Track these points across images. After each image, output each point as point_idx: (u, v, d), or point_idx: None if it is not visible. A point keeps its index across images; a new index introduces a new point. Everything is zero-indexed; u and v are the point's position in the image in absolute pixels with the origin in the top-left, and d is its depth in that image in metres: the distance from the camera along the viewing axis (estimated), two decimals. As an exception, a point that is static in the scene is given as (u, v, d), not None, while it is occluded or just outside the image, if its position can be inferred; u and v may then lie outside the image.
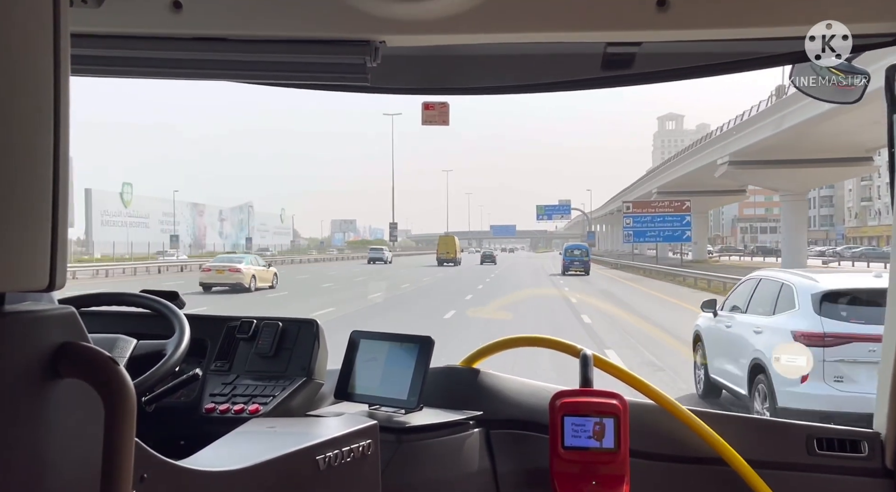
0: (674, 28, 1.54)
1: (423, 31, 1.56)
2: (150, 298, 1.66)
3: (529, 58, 1.75)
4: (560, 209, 67.48)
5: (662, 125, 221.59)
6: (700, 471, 1.77)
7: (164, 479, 1.02)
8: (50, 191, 0.76)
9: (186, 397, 1.70)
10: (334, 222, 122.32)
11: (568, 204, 69.20)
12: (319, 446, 1.37)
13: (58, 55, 0.76)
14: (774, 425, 1.85)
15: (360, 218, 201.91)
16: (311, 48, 1.55)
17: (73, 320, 0.85)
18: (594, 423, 1.63)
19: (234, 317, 1.89)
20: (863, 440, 1.75)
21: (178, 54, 1.59)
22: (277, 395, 1.69)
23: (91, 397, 0.80)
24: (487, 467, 1.75)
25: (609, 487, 1.62)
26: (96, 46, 1.55)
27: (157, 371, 1.48)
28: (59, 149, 0.77)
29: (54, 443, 0.81)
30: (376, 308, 18.91)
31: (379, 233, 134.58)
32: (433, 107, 1.94)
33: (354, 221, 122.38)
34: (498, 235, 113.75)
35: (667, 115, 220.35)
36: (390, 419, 1.64)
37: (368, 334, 1.76)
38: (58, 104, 0.77)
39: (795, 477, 1.75)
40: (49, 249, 0.76)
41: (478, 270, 40.40)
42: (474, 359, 1.93)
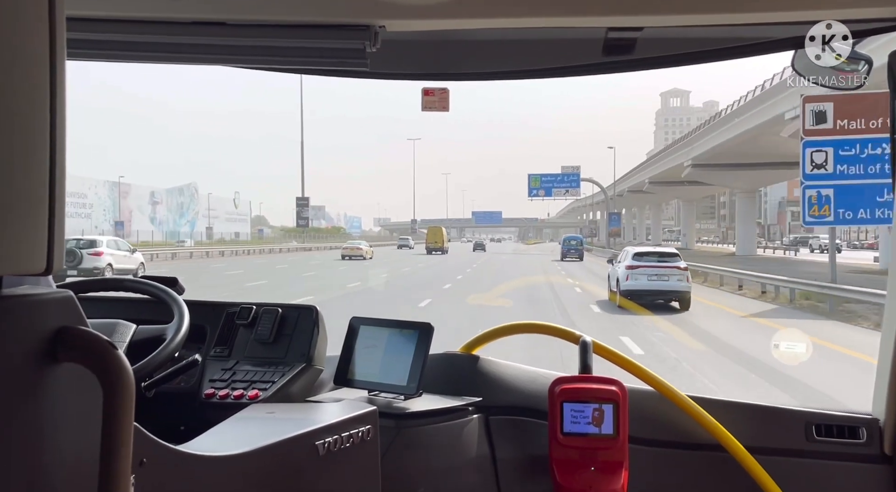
0: (675, 13, 1.73)
1: (424, 15, 1.71)
2: (150, 283, 1.81)
3: (530, 43, 1.91)
4: (565, 181, 52.50)
5: (666, 102, 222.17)
6: (699, 457, 1.97)
7: (164, 463, 1.12)
8: (47, 174, 0.82)
9: (186, 382, 1.87)
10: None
11: (576, 173, 53.39)
12: (319, 432, 1.49)
13: (53, 39, 0.82)
14: (773, 412, 2.03)
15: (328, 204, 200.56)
16: (311, 33, 1.69)
17: (72, 304, 0.92)
18: (593, 409, 1.82)
19: (234, 303, 2.05)
20: (861, 427, 1.95)
21: (176, 39, 1.72)
22: (277, 381, 1.85)
23: (90, 381, 0.87)
24: (486, 453, 1.93)
25: (608, 473, 1.81)
26: (93, 30, 1.68)
27: (157, 357, 1.62)
28: (56, 132, 0.83)
29: (53, 427, 0.88)
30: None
31: (356, 222, 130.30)
32: (433, 93, 2.10)
33: (323, 207, 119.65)
34: (481, 222, 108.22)
35: (671, 91, 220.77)
36: (390, 405, 1.81)
37: (368, 321, 1.93)
38: (54, 88, 0.83)
39: (794, 463, 1.95)
40: (46, 233, 0.82)
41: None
42: (474, 345, 2.12)
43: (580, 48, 1.90)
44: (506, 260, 44.69)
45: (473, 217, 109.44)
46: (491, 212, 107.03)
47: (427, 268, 35.93)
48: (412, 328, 1.88)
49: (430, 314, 13.87)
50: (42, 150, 0.82)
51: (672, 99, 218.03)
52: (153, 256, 35.75)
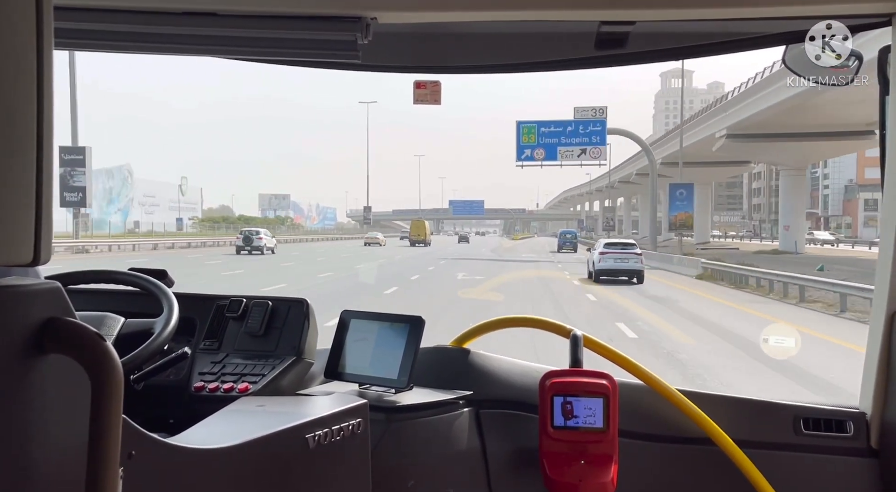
0: (668, 7, 1.92)
1: (415, 7, 1.88)
2: (139, 276, 1.96)
3: (522, 36, 2.09)
4: (578, 133, 34.98)
5: (667, 83, 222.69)
6: (688, 451, 2.17)
7: (153, 456, 1.19)
8: (34, 165, 0.88)
9: (175, 375, 2.02)
10: (262, 197, 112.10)
11: (600, 119, 36.52)
12: (309, 425, 1.61)
13: (41, 29, 0.88)
14: (762, 406, 2.23)
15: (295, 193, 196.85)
16: (302, 24, 1.84)
17: (59, 296, 0.98)
18: (584, 403, 2.01)
19: (224, 296, 2.21)
20: (848, 420, 2.16)
21: (166, 29, 1.86)
22: (267, 374, 2.01)
23: (77, 373, 0.92)
24: (477, 446, 2.12)
25: (598, 466, 2.00)
26: (82, 20, 1.82)
27: (146, 349, 1.75)
28: (43, 122, 0.88)
29: (39, 419, 0.94)
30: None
31: (330, 213, 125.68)
32: (425, 85, 2.27)
33: (288, 195, 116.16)
34: (460, 213, 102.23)
35: (672, 71, 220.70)
36: (380, 399, 1.97)
37: (359, 314, 2.10)
38: (41, 78, 0.88)
39: (782, 457, 2.16)
40: (33, 224, 0.88)
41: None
42: (465, 339, 2.31)
43: (573, 42, 2.08)
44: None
45: (451, 207, 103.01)
46: (471, 201, 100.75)
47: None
48: (403, 322, 2.04)
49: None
50: (29, 140, 0.88)
51: (673, 80, 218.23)
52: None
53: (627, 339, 12.79)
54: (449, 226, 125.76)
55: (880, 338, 2.07)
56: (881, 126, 2.10)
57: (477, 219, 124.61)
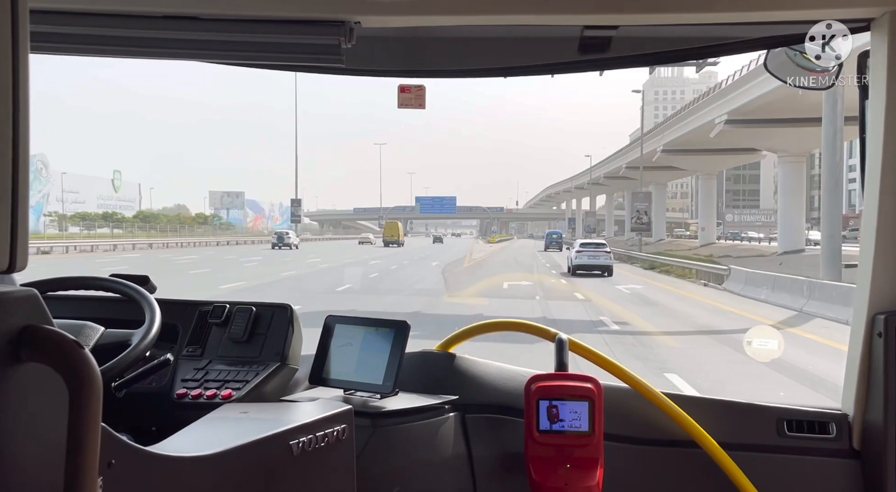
0: (650, 12, 2.09)
1: (399, 12, 2.02)
2: (120, 282, 2.07)
3: (507, 41, 2.26)
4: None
5: (656, 71, 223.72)
6: (673, 454, 2.34)
7: (133, 465, 1.24)
8: (9, 171, 0.91)
9: (157, 382, 2.14)
10: (213, 194, 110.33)
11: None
12: (293, 431, 1.68)
13: (16, 32, 0.92)
14: (746, 408, 2.40)
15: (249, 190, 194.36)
16: (284, 28, 1.98)
17: (36, 303, 1.02)
18: (569, 406, 2.16)
19: (207, 301, 2.34)
20: (831, 422, 2.34)
21: (147, 33, 1.98)
22: (251, 380, 2.13)
23: (55, 381, 0.96)
24: (463, 451, 2.27)
25: (583, 470, 2.15)
26: (60, 23, 1.92)
27: (127, 356, 1.84)
28: (19, 128, 0.92)
29: (15, 429, 0.97)
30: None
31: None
32: (409, 90, 2.42)
33: (242, 193, 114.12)
34: (428, 211, 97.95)
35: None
36: (366, 404, 2.11)
37: (344, 319, 2.25)
38: (16, 82, 0.92)
39: (766, 459, 2.33)
40: (9, 230, 0.92)
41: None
42: (450, 344, 2.48)
43: (556, 46, 2.26)
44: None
45: (418, 204, 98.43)
46: (441, 198, 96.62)
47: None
48: (388, 327, 2.18)
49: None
50: (4, 144, 0.91)
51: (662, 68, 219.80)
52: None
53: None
54: (420, 226, 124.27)
55: (861, 340, 2.22)
56: (861, 129, 2.26)
57: (449, 218, 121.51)
